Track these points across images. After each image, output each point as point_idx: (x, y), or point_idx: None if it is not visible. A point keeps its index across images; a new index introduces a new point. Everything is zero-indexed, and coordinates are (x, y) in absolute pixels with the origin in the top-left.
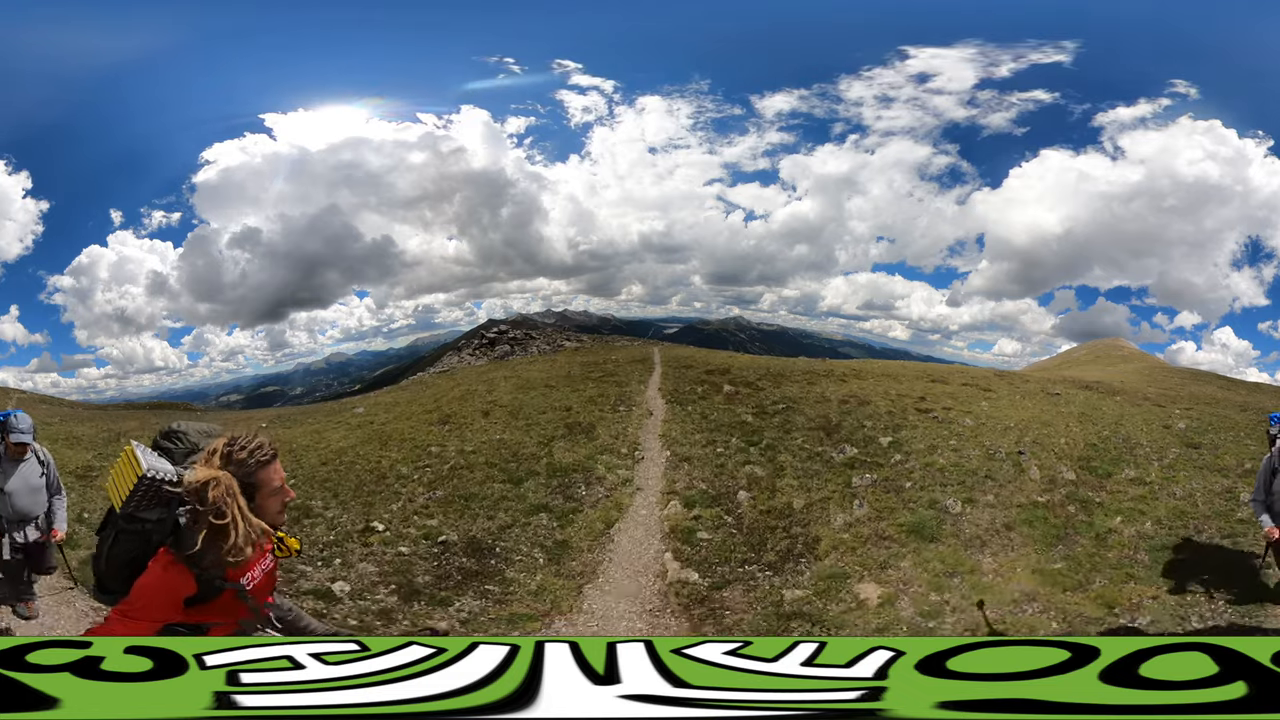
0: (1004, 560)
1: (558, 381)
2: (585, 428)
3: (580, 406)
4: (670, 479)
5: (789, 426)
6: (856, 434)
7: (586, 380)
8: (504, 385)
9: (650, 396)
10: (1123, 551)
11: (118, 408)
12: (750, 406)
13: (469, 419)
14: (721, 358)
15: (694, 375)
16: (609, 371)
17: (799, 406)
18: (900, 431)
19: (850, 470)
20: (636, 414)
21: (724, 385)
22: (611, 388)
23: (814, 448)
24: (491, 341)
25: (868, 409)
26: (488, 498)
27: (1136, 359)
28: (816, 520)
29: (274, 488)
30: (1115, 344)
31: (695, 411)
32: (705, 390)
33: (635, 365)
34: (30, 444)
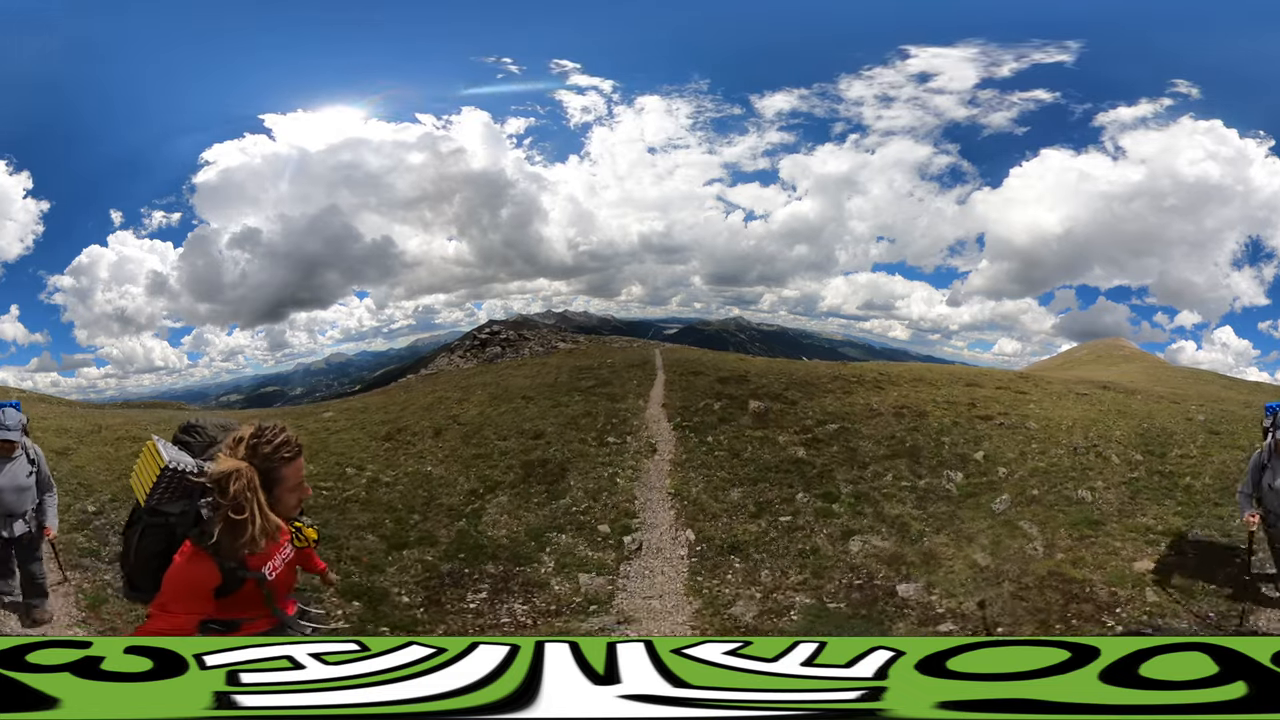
0: (1151, 518)
1: (539, 391)
2: (552, 471)
3: (555, 432)
4: (706, 601)
5: (858, 457)
6: (944, 453)
7: (573, 391)
8: (479, 394)
9: (652, 417)
10: (1204, 495)
11: (115, 407)
12: (794, 431)
13: (417, 436)
14: (732, 361)
15: (705, 385)
16: (602, 379)
17: (855, 426)
18: (983, 443)
19: (975, 497)
20: (633, 449)
21: (748, 399)
22: (602, 402)
23: (912, 479)
24: (483, 343)
25: (928, 421)
26: (350, 548)
27: (1138, 359)
28: (1035, 572)
29: (294, 484)
30: (1116, 344)
31: (719, 444)
32: (725, 408)
33: (634, 371)
34: (18, 441)
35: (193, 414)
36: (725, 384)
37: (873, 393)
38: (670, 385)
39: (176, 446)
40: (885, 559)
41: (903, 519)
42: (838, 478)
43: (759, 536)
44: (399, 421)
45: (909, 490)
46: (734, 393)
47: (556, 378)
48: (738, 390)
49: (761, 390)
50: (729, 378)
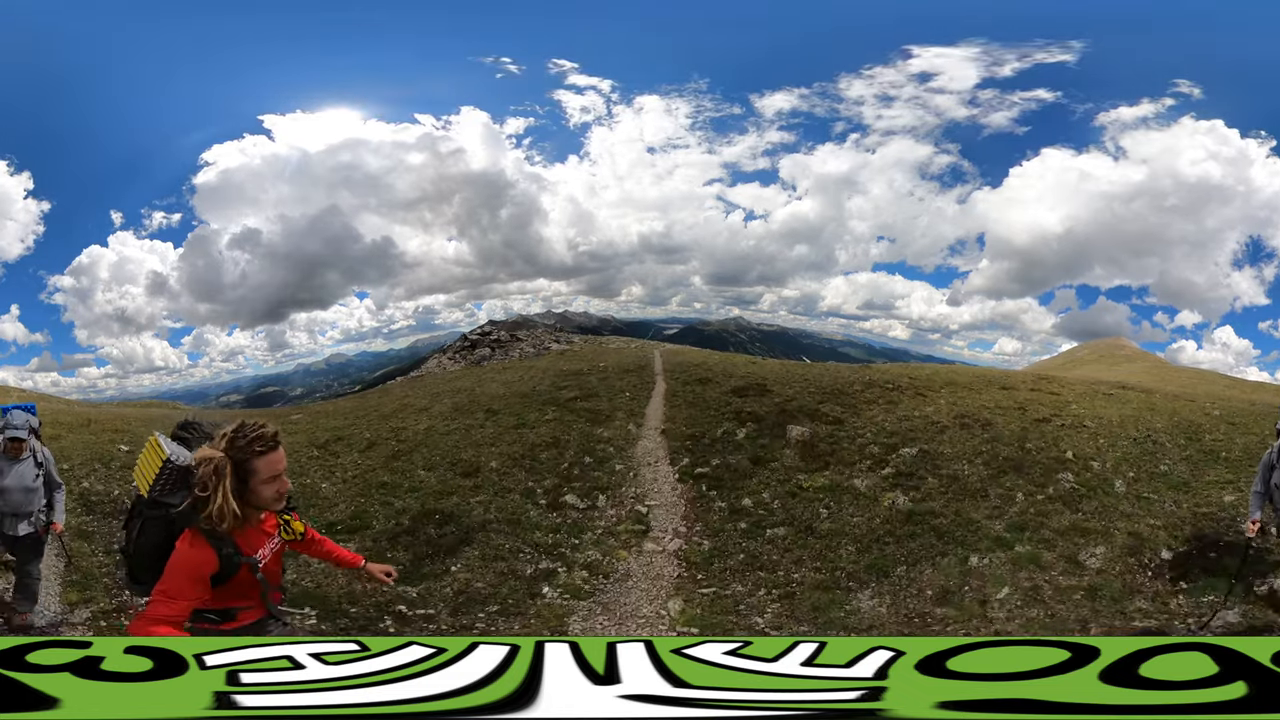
0: (1214, 477)
1: (510, 403)
2: (440, 545)
3: (496, 472)
4: None
5: (969, 484)
6: (1039, 458)
7: (549, 405)
8: (444, 403)
9: (647, 454)
10: (1240, 463)
11: (113, 406)
12: (866, 465)
13: (350, 447)
14: (742, 365)
15: (718, 398)
16: (588, 389)
17: (935, 447)
18: (1060, 443)
19: (1094, 489)
20: (607, 523)
21: (781, 420)
22: (579, 424)
23: (1040, 489)
24: (473, 344)
25: (997, 429)
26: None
27: (1140, 359)
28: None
29: (267, 476)
30: (1118, 343)
31: (767, 509)
32: (754, 435)
33: (628, 378)
34: (25, 440)
35: (187, 413)
36: (743, 397)
37: (919, 401)
38: (673, 398)
39: (175, 443)
40: (1138, 566)
41: (1082, 527)
42: (977, 517)
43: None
44: (345, 429)
45: (1052, 500)
46: (757, 409)
47: (536, 385)
48: (760, 405)
49: (791, 404)
50: (745, 387)
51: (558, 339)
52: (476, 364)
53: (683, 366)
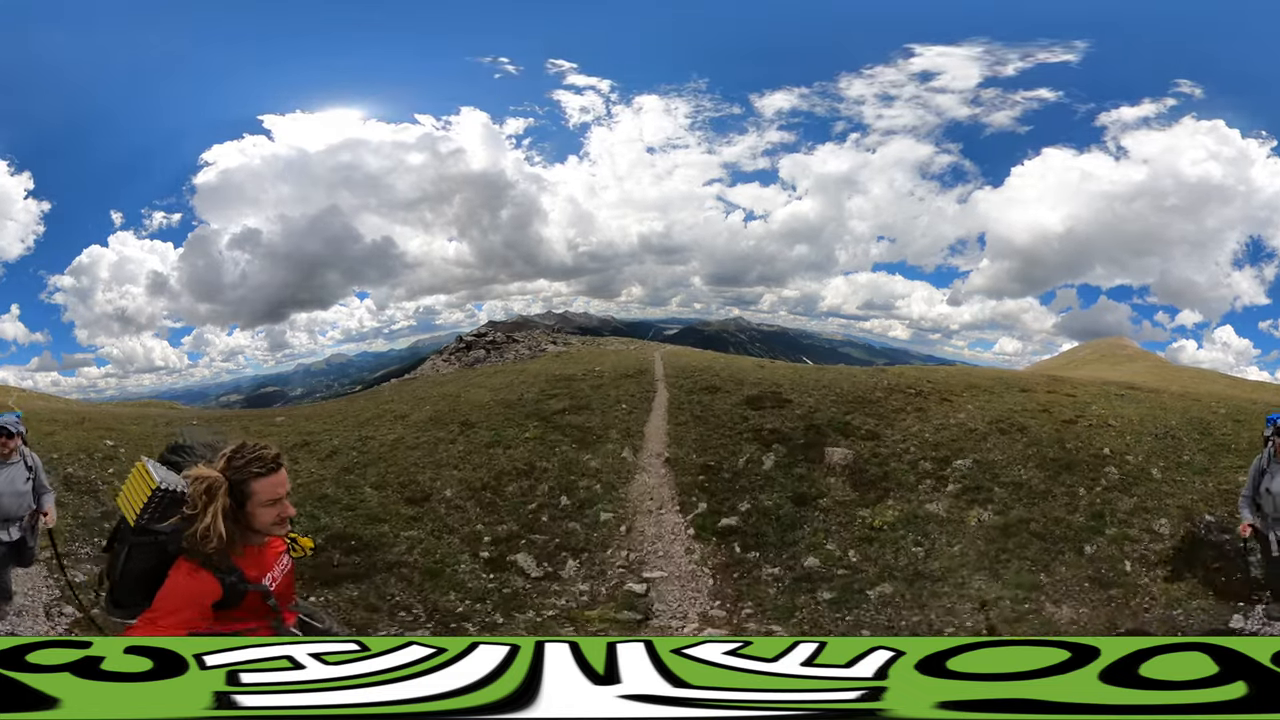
0: (1228, 464)
1: (490, 413)
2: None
3: (454, 502)
4: None
5: (1035, 487)
6: (1082, 457)
7: (532, 418)
8: (424, 410)
9: (647, 489)
10: (1249, 453)
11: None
12: (929, 485)
13: (311, 454)
14: (750, 369)
15: (729, 410)
16: (579, 399)
17: (986, 456)
18: (1094, 442)
19: (1137, 479)
20: (592, 604)
21: (813, 439)
22: (564, 446)
23: (1095, 486)
24: (468, 346)
25: (1033, 433)
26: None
27: (1141, 358)
28: None
29: (266, 499)
30: (1119, 343)
31: (863, 575)
32: (785, 462)
33: (626, 384)
34: (16, 433)
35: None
36: (759, 409)
37: (948, 408)
38: (677, 411)
39: (165, 467)
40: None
41: (1142, 508)
42: (1060, 514)
43: None
44: (317, 434)
45: (1108, 490)
46: (780, 425)
47: (524, 392)
48: (782, 419)
49: (816, 417)
50: (759, 397)
51: (555, 340)
52: (470, 366)
53: (686, 371)
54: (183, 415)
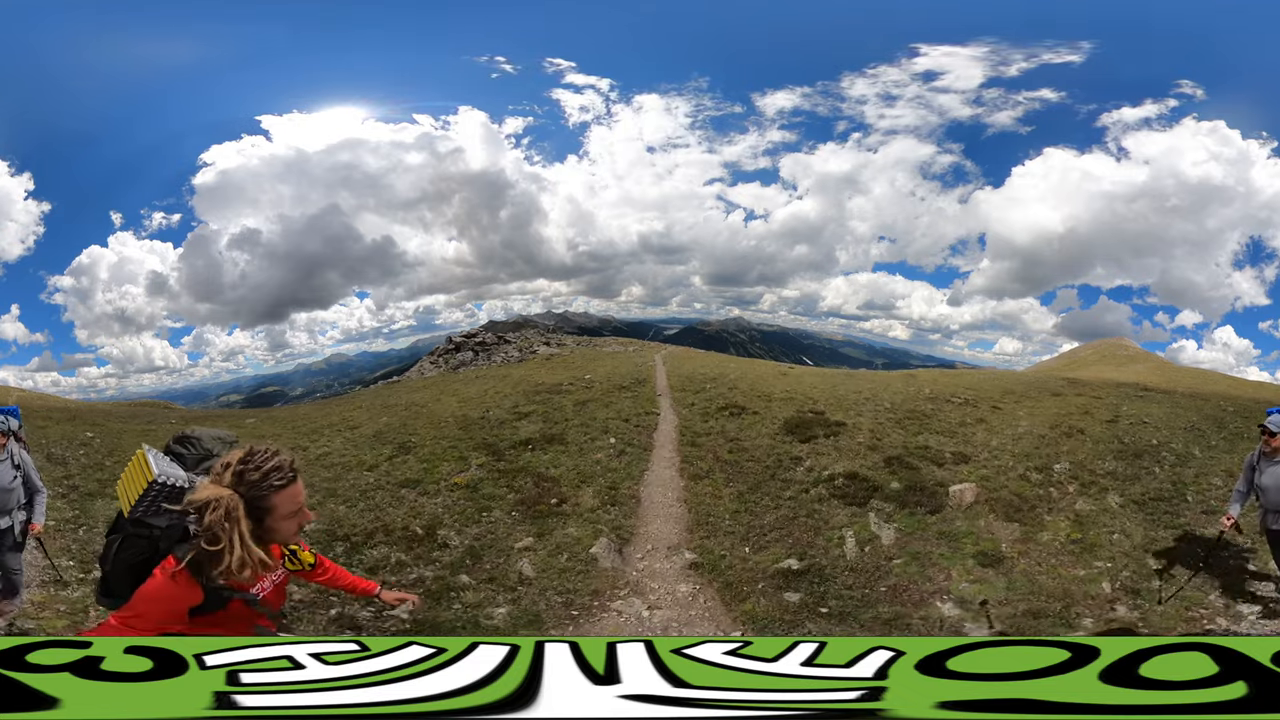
0: (1245, 449)
1: (434, 434)
2: None
3: None
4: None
5: (1126, 473)
6: (1140, 446)
7: (481, 450)
8: (377, 422)
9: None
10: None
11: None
12: (1068, 502)
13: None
14: (771, 376)
15: (768, 444)
16: (556, 423)
17: (1076, 459)
18: (1139, 435)
19: (1185, 459)
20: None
21: (922, 482)
22: (497, 508)
23: (1170, 471)
24: (457, 347)
25: (1095, 430)
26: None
27: (1143, 359)
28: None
29: (288, 511)
30: (1120, 344)
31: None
32: (904, 520)
33: (620, 400)
34: (7, 442)
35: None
36: (809, 437)
37: (1002, 415)
38: (692, 446)
39: (169, 458)
40: None
41: (1207, 471)
42: (1169, 492)
43: None
44: (266, 439)
45: (1175, 468)
46: (855, 467)
47: (491, 407)
48: (849, 454)
49: (885, 442)
50: (802, 420)
51: (548, 341)
52: (454, 369)
53: (694, 381)
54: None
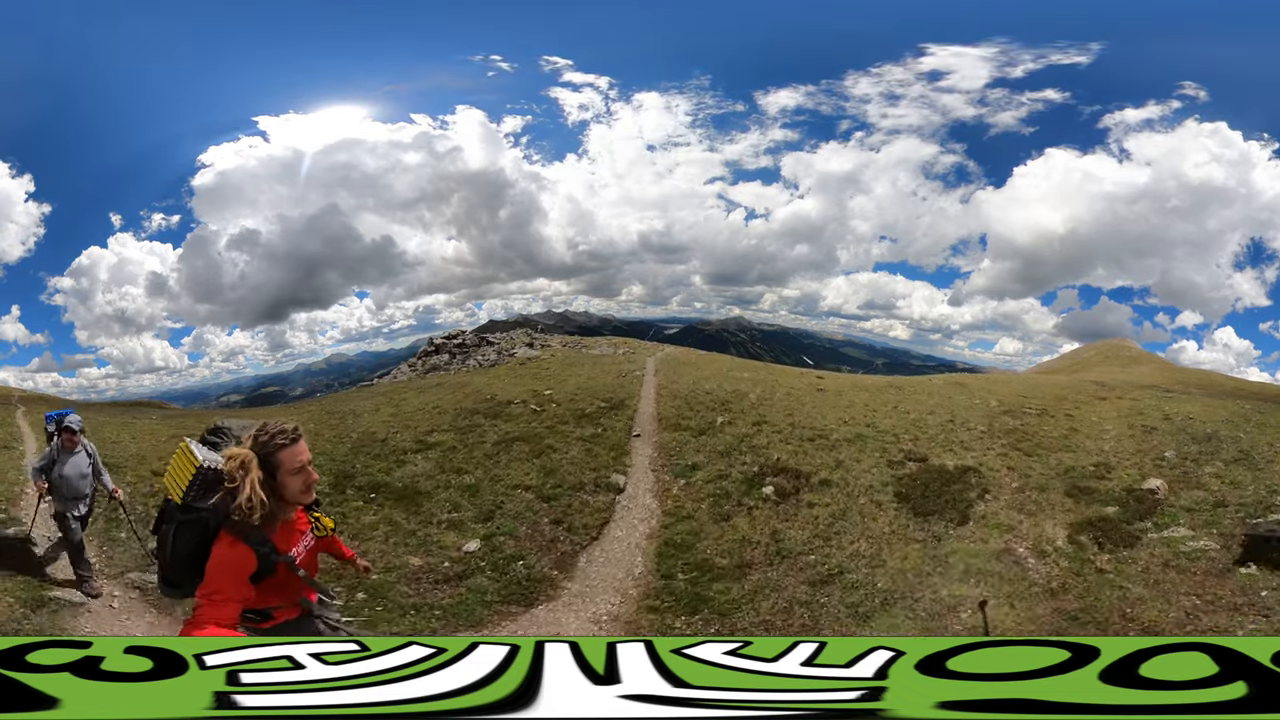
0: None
1: (329, 455)
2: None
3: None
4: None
5: (1237, 460)
6: (1206, 440)
7: (336, 484)
8: (311, 424)
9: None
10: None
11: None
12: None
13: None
14: (803, 389)
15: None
16: (458, 459)
17: (1175, 453)
18: (1190, 431)
19: (1249, 452)
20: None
21: (1119, 524)
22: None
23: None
24: (436, 349)
25: (1160, 429)
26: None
27: (1145, 360)
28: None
29: (292, 467)
30: (1122, 344)
31: None
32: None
33: (571, 442)
34: (78, 437)
35: (175, 412)
36: (959, 514)
37: (1085, 422)
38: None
39: (205, 447)
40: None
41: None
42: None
43: None
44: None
45: (1242, 449)
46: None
47: (398, 430)
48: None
49: (970, 477)
50: (927, 488)
51: (532, 343)
52: (425, 374)
53: (698, 406)
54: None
